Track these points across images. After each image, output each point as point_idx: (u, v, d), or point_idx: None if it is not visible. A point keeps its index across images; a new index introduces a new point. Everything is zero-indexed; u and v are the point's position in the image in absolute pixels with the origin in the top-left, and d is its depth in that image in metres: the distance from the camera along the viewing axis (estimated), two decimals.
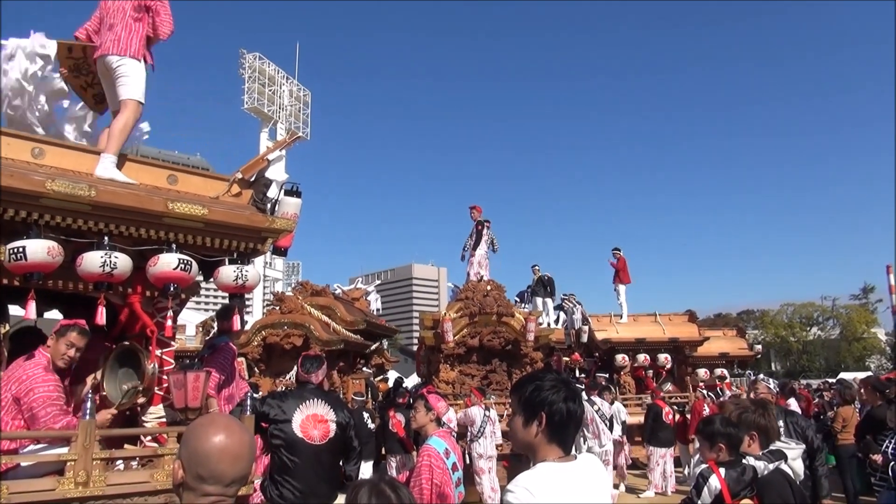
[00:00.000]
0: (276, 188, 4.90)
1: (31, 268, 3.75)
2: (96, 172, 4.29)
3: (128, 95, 4.65)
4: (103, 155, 4.39)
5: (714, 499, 3.47)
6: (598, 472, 2.19)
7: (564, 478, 2.06)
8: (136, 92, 4.68)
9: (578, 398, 2.18)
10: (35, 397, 3.90)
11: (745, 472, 3.45)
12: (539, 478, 2.05)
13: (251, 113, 51.80)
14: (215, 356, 5.16)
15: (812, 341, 61.89)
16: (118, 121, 4.61)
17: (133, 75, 4.68)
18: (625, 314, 16.76)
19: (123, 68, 4.66)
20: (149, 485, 3.93)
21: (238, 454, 1.61)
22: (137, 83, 4.70)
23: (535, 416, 2.14)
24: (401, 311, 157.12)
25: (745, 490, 3.41)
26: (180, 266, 4.20)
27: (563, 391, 2.15)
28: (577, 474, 2.09)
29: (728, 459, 3.54)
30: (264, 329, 13.38)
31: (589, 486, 2.10)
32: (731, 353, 17.74)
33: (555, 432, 2.13)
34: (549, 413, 2.12)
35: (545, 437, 2.13)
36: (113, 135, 4.53)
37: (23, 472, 3.83)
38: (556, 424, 2.12)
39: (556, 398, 2.13)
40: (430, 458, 4.14)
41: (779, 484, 3.44)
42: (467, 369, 12.55)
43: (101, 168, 4.33)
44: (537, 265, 18.80)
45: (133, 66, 4.69)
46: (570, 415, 2.13)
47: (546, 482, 2.03)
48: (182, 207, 4.22)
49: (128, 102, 4.65)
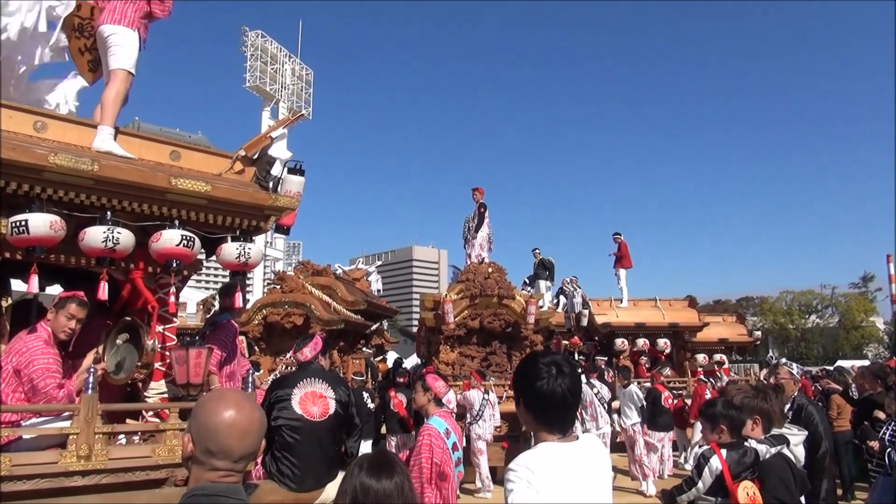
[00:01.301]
0: (280, 166, 4.88)
1: (33, 241, 3.74)
2: (94, 145, 4.25)
3: (118, 65, 4.60)
4: (100, 127, 4.36)
5: (714, 479, 3.48)
6: (599, 453, 2.18)
7: (565, 457, 2.05)
8: (128, 62, 4.63)
9: (568, 379, 2.09)
10: (35, 369, 3.91)
11: (746, 454, 3.46)
12: (539, 457, 2.05)
13: (253, 91, 51.52)
14: (217, 333, 5.16)
15: (810, 329, 62.04)
16: (109, 91, 4.56)
17: (125, 45, 4.62)
18: (625, 299, 16.76)
19: (115, 37, 4.61)
20: (150, 459, 3.96)
21: (247, 430, 1.61)
22: (129, 53, 4.64)
23: (519, 399, 2.15)
24: (401, 292, 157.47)
25: (746, 472, 3.43)
26: (183, 242, 4.19)
27: (543, 373, 2.09)
28: (578, 454, 2.09)
29: (729, 441, 3.55)
30: (265, 308, 13.40)
31: (590, 466, 2.10)
32: (730, 339, 17.74)
33: (538, 415, 2.11)
34: (526, 396, 2.11)
35: (532, 419, 2.13)
36: (106, 106, 4.49)
37: (25, 445, 3.85)
38: (536, 407, 2.11)
39: (534, 380, 2.10)
40: (430, 438, 4.16)
41: (780, 467, 3.45)
42: (467, 351, 12.58)
43: (99, 140, 4.29)
44: (538, 248, 18.79)
45: (125, 36, 4.63)
46: (547, 396, 2.07)
47: (546, 461, 2.03)
48: (185, 183, 4.20)
49: (118, 72, 4.60)
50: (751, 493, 3.36)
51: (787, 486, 3.41)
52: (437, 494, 4.04)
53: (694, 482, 3.60)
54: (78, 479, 3.70)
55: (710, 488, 3.53)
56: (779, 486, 3.39)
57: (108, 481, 3.80)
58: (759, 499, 3.36)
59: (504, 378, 11.87)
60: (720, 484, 3.43)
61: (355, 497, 1.88)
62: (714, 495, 3.52)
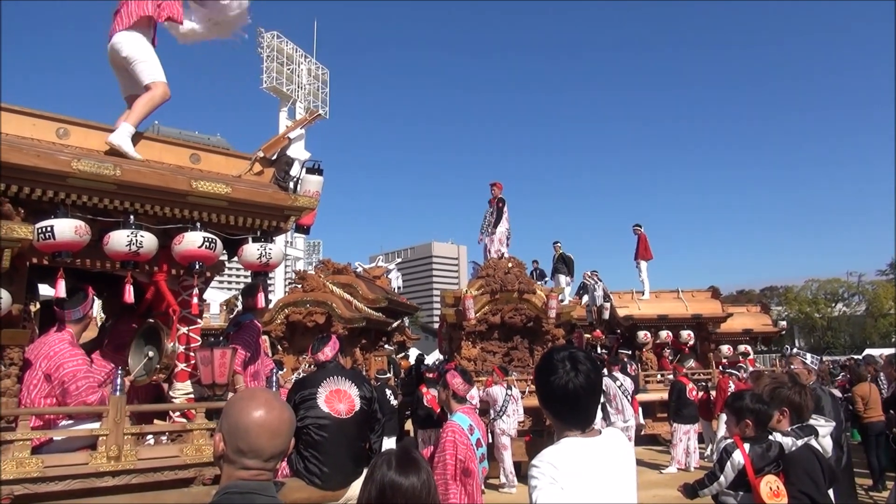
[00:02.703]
0: (298, 166, 4.90)
1: (59, 247, 3.80)
2: (109, 138, 4.27)
3: (153, 78, 4.58)
4: (122, 123, 4.38)
5: (737, 474, 3.44)
6: (622, 447, 2.17)
7: (588, 452, 2.05)
8: (159, 73, 4.62)
9: (582, 375, 2.06)
10: (65, 372, 3.98)
11: (770, 448, 3.42)
12: (562, 452, 2.05)
13: (270, 92, 51.85)
14: (241, 333, 5.21)
15: (837, 318, 61.14)
16: (145, 95, 4.55)
17: (147, 58, 4.60)
18: (647, 291, 16.63)
19: (135, 53, 4.56)
20: (178, 459, 4.00)
21: (277, 430, 1.63)
22: (155, 64, 4.62)
23: (541, 399, 2.16)
24: (421, 288, 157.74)
25: (770, 466, 3.38)
26: (205, 244, 4.23)
27: (561, 369, 2.07)
28: (601, 449, 2.08)
29: (754, 435, 3.51)
30: (287, 307, 13.51)
31: (613, 460, 2.09)
32: (754, 329, 17.55)
33: (556, 411, 2.11)
34: (546, 392, 2.11)
35: (551, 415, 2.13)
36: (136, 107, 4.49)
37: (56, 447, 3.92)
38: (554, 403, 2.10)
39: (549, 377, 2.09)
40: (454, 434, 4.17)
41: (806, 460, 3.40)
42: (489, 346, 12.58)
43: (116, 134, 4.30)
44: (559, 242, 18.70)
45: (142, 47, 4.60)
46: (563, 392, 2.06)
47: (569, 456, 2.02)
48: (206, 186, 4.24)
49: (156, 84, 4.58)
50: (774, 487, 3.31)
51: (814, 479, 3.35)
52: (461, 491, 4.05)
53: (716, 476, 3.56)
54: (108, 480, 3.76)
55: (732, 483, 3.49)
56: (804, 479, 3.34)
57: (138, 481, 3.85)
58: (783, 493, 3.30)
59: (526, 373, 11.86)
60: (742, 478, 3.39)
61: (383, 495, 1.88)
62: (736, 489, 3.48)
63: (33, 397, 3.98)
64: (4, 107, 4.00)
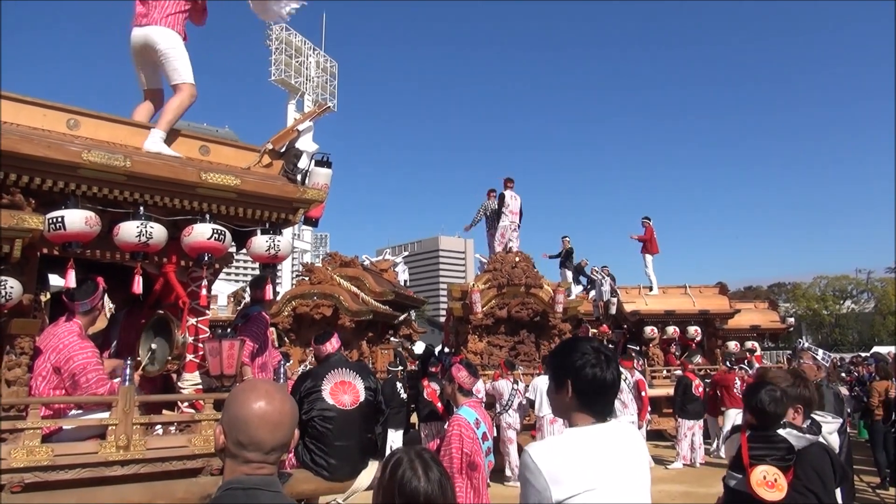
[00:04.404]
0: (307, 159, 4.91)
1: (69, 237, 3.82)
2: (144, 146, 4.35)
3: (182, 80, 4.66)
4: (153, 130, 4.45)
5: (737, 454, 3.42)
6: (630, 436, 2.18)
7: (591, 439, 2.06)
8: (189, 74, 4.69)
9: (611, 365, 2.13)
10: (75, 365, 4.00)
11: (777, 441, 3.37)
12: (562, 440, 2.08)
13: (278, 85, 51.91)
14: (249, 325, 5.24)
15: (845, 315, 60.86)
16: (174, 100, 4.64)
17: (181, 57, 4.66)
18: (655, 286, 16.57)
19: (172, 51, 4.63)
20: (187, 449, 4.03)
21: (278, 422, 1.59)
22: (187, 65, 4.69)
23: (563, 383, 2.14)
24: (428, 282, 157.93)
25: (774, 458, 3.33)
26: (214, 236, 4.25)
27: (592, 358, 2.11)
28: (607, 437, 2.09)
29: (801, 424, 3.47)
30: (294, 299, 13.57)
31: (620, 448, 2.10)
32: (762, 325, 17.47)
33: (584, 400, 2.11)
34: (576, 380, 2.11)
35: (575, 405, 2.12)
36: (166, 113, 4.56)
37: (66, 436, 3.95)
38: (584, 392, 2.11)
39: (584, 365, 2.11)
40: (459, 428, 4.18)
41: (816, 456, 3.35)
42: (495, 340, 12.60)
43: (150, 142, 4.38)
44: (567, 236, 18.66)
45: (179, 47, 4.67)
46: (598, 382, 2.09)
47: (569, 444, 2.05)
48: (215, 178, 4.25)
49: (183, 87, 4.66)
50: (770, 478, 3.25)
51: (822, 477, 3.28)
52: (467, 484, 4.07)
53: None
54: (117, 469, 3.78)
55: (733, 463, 3.49)
56: (812, 476, 3.27)
57: (147, 470, 3.87)
58: (780, 485, 3.25)
59: (533, 367, 11.87)
60: (740, 461, 3.37)
61: (406, 500, 1.87)
62: (739, 472, 3.46)
63: (42, 388, 4.01)
64: (16, 97, 4.02)
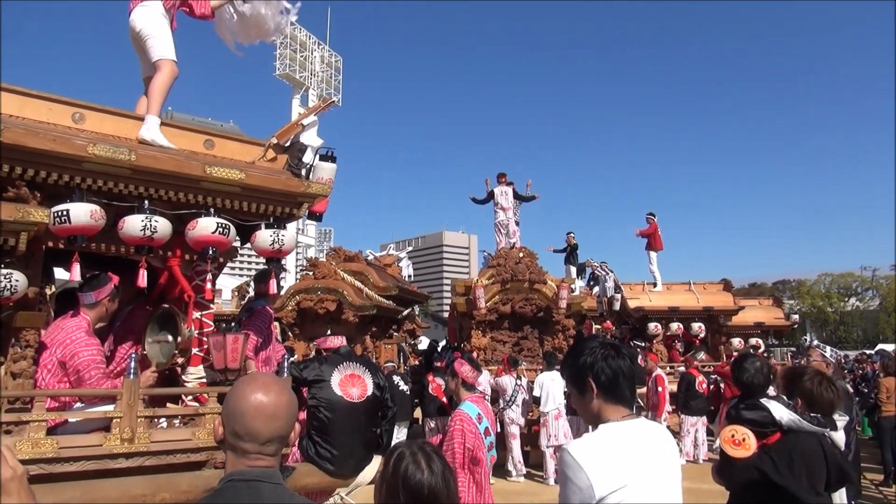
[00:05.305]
0: (311, 153, 4.91)
1: (74, 231, 3.83)
2: (140, 133, 4.33)
3: (160, 56, 4.62)
4: (147, 116, 4.43)
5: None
6: (660, 432, 2.24)
7: (627, 434, 2.11)
8: (167, 50, 4.65)
9: (621, 354, 2.20)
10: (80, 361, 4.02)
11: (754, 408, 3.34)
12: (599, 436, 2.11)
13: (283, 79, 51.90)
14: (253, 319, 5.24)
15: (850, 312, 60.75)
16: (155, 81, 4.60)
17: (159, 34, 4.63)
18: (659, 282, 16.55)
19: (147, 28, 4.61)
20: (191, 442, 4.04)
21: (273, 413, 1.61)
22: (165, 41, 4.66)
23: (585, 383, 2.18)
24: (432, 277, 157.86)
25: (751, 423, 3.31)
26: (219, 230, 4.25)
27: (602, 351, 2.18)
28: (640, 432, 2.14)
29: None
30: (298, 294, 13.58)
31: (653, 444, 2.14)
32: (766, 322, 17.42)
33: (609, 391, 2.16)
34: (595, 375, 2.16)
35: (603, 399, 2.17)
36: (152, 96, 4.54)
37: (71, 428, 3.97)
38: (607, 384, 2.16)
39: (597, 359, 2.17)
40: (462, 423, 4.19)
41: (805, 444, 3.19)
42: (499, 336, 12.60)
43: (145, 129, 4.37)
44: (572, 232, 18.64)
45: (155, 22, 4.63)
46: (616, 371, 2.15)
47: (607, 439, 2.09)
48: (220, 172, 4.26)
49: (162, 63, 4.62)
50: (739, 437, 3.23)
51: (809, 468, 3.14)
52: (470, 479, 4.08)
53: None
54: (122, 461, 3.80)
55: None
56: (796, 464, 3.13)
57: (151, 463, 3.89)
58: (747, 444, 3.19)
59: (536, 362, 11.87)
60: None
61: (411, 493, 1.88)
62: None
63: (48, 381, 4.03)
64: (21, 91, 4.03)
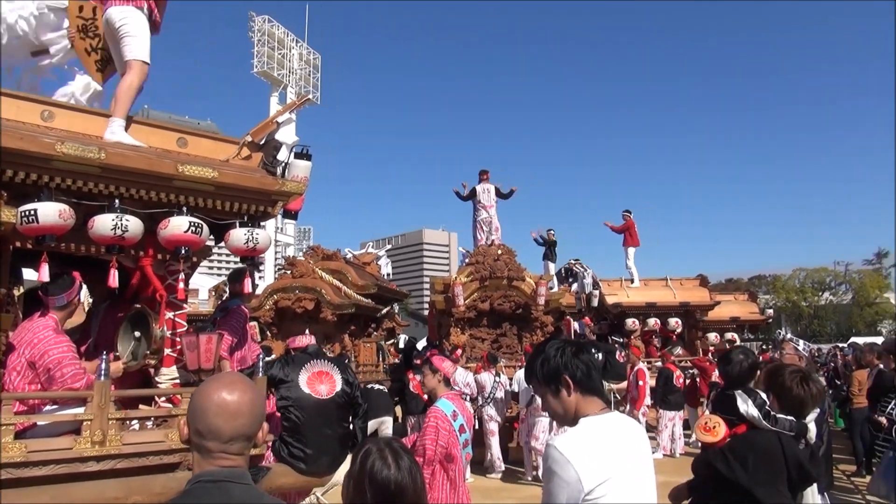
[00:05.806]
0: (287, 151, 4.87)
1: (43, 230, 3.76)
2: (105, 136, 4.26)
3: (132, 56, 4.54)
4: (111, 119, 4.35)
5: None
6: (634, 426, 2.29)
7: (607, 427, 2.16)
8: (142, 52, 4.57)
9: (587, 348, 2.26)
10: (50, 359, 3.93)
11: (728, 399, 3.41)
12: (582, 430, 2.14)
13: (261, 77, 51.37)
14: (228, 319, 5.21)
15: (824, 306, 61.69)
16: (123, 83, 4.52)
17: (137, 34, 4.56)
18: (636, 278, 16.70)
19: (127, 26, 4.54)
20: (163, 444, 4.00)
21: (236, 411, 1.59)
22: (142, 42, 4.58)
23: (561, 381, 2.21)
24: (411, 275, 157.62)
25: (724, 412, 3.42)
26: (191, 229, 4.20)
27: (570, 349, 2.24)
28: (617, 426, 2.20)
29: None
30: (276, 293, 13.48)
31: (629, 438, 2.19)
32: (742, 317, 17.68)
33: (585, 385, 2.20)
34: (571, 372, 2.19)
35: (580, 394, 2.20)
36: (119, 98, 4.45)
37: (40, 431, 3.90)
38: (583, 378, 2.20)
39: (569, 357, 2.21)
40: (436, 420, 4.18)
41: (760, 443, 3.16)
42: (478, 333, 12.62)
43: (109, 132, 4.29)
44: (552, 230, 18.76)
45: (136, 22, 4.56)
46: (588, 364, 2.21)
47: (590, 433, 2.12)
48: (192, 170, 4.20)
49: (133, 63, 4.54)
50: (711, 424, 3.33)
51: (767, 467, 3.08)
52: (444, 476, 4.08)
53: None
54: (93, 465, 3.75)
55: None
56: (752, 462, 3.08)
57: (123, 466, 3.84)
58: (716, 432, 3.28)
59: (515, 359, 11.91)
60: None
61: (377, 489, 1.87)
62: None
63: (17, 384, 3.95)
64: None
